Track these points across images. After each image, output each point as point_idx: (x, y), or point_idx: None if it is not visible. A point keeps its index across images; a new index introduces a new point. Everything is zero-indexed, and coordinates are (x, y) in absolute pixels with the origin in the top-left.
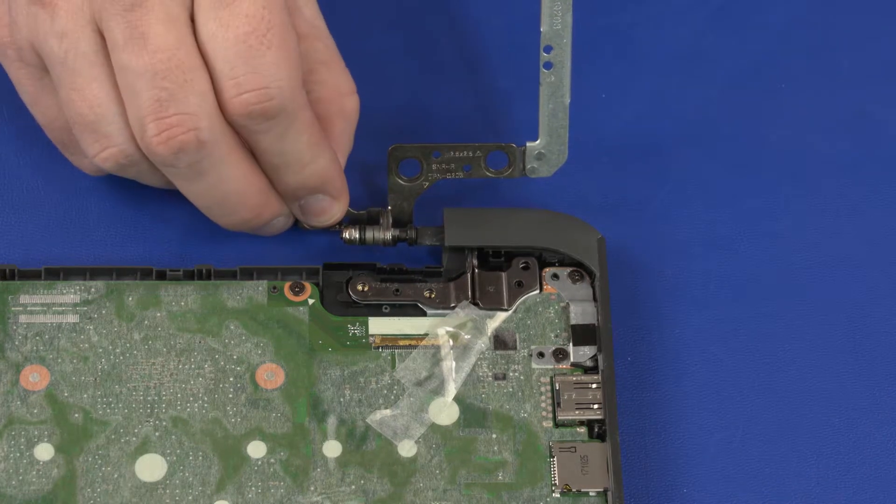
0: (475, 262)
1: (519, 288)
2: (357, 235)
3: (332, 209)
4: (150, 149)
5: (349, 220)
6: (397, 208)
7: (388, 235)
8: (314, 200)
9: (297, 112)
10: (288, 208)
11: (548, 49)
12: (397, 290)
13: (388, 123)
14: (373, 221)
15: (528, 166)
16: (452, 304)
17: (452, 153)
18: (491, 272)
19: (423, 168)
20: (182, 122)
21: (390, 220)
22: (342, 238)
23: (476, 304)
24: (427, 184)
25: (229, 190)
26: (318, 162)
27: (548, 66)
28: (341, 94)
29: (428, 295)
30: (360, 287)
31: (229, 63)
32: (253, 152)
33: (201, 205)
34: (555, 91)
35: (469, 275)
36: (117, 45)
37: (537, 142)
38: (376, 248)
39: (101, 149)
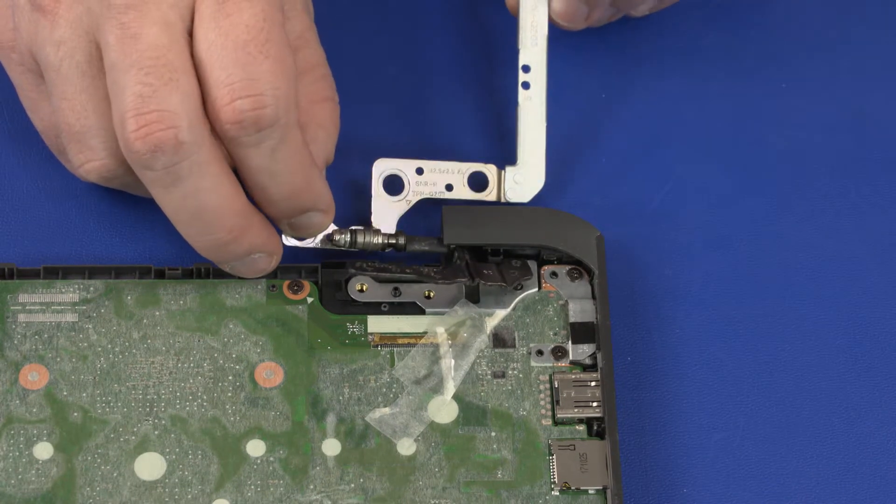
0: (467, 255)
1: (517, 281)
2: (348, 239)
3: (323, 223)
4: (128, 146)
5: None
6: (380, 226)
7: (378, 240)
8: (305, 218)
9: (289, 128)
10: (270, 246)
11: (526, 68)
12: (396, 289)
13: (377, 138)
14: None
15: (507, 190)
16: (450, 281)
17: (435, 170)
18: (486, 263)
19: (406, 184)
20: (162, 118)
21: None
22: (333, 241)
23: (475, 286)
24: (409, 205)
25: (206, 203)
26: (312, 186)
27: (526, 85)
28: (312, 101)
29: (427, 294)
30: (358, 287)
31: (226, 70)
32: (242, 173)
33: (177, 219)
34: (533, 111)
35: (464, 263)
36: (110, 46)
37: (516, 166)
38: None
39: (85, 160)
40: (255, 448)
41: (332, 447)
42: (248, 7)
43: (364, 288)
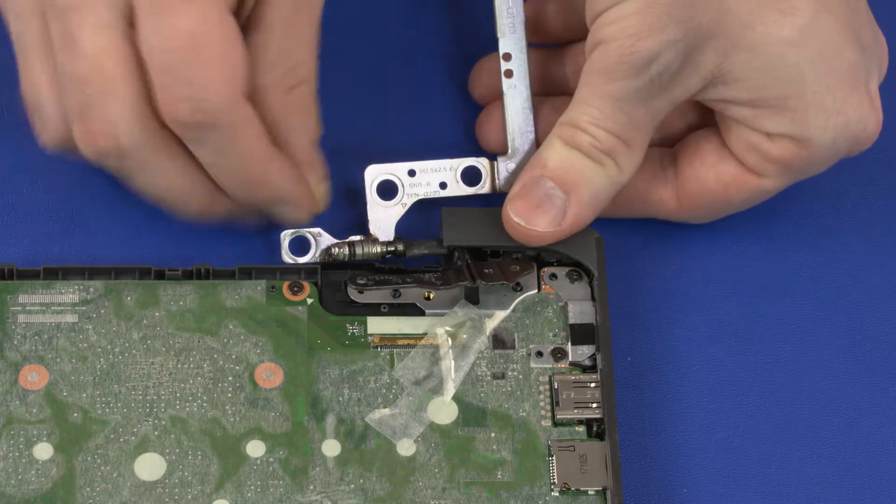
0: (468, 255)
1: (519, 277)
2: (347, 252)
3: (295, 215)
4: (81, 149)
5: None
6: (378, 233)
7: (377, 249)
8: (276, 209)
9: (235, 126)
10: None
11: (507, 57)
12: (396, 290)
13: (365, 143)
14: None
15: (500, 181)
16: (451, 286)
17: (427, 170)
18: (487, 262)
19: (400, 188)
20: (102, 129)
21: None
22: (331, 255)
23: (475, 287)
24: (404, 208)
25: (168, 188)
26: (269, 179)
27: (508, 73)
28: (286, 90)
29: (427, 295)
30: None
31: (163, 75)
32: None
33: (150, 200)
34: (518, 98)
35: (465, 263)
36: (55, 43)
37: (507, 155)
38: None
39: (42, 131)
40: (255, 449)
41: (331, 448)
42: (184, 10)
43: (364, 289)
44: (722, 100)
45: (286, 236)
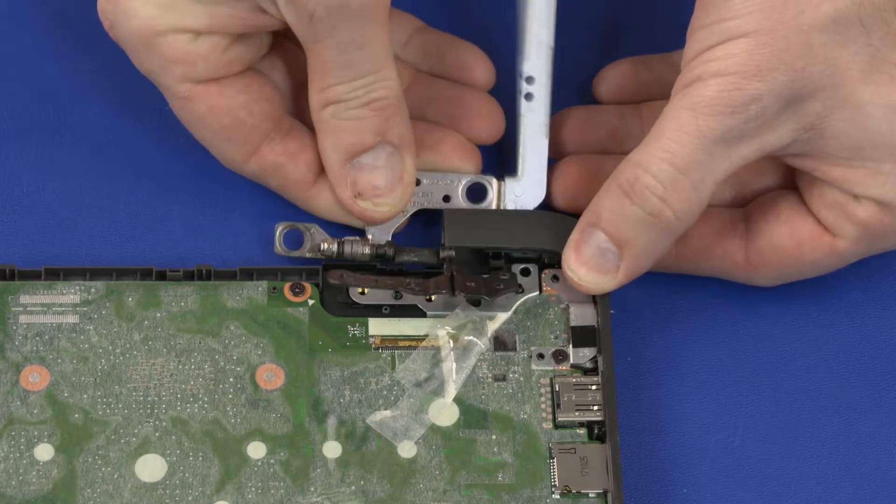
0: (454, 268)
1: (501, 294)
2: (335, 249)
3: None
4: None
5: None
6: (375, 237)
7: (366, 250)
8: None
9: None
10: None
11: (529, 80)
12: (398, 292)
13: None
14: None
15: (507, 203)
16: (429, 292)
17: (433, 181)
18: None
19: None
20: None
21: (369, 239)
22: (321, 251)
23: (452, 298)
24: (405, 215)
25: None
26: (313, 208)
27: (529, 97)
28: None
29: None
30: (359, 289)
31: None
32: None
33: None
34: (535, 122)
35: (450, 274)
36: None
37: (516, 178)
38: None
39: None
40: (256, 450)
41: (332, 449)
42: None
43: (365, 290)
44: (815, 155)
45: (280, 228)
